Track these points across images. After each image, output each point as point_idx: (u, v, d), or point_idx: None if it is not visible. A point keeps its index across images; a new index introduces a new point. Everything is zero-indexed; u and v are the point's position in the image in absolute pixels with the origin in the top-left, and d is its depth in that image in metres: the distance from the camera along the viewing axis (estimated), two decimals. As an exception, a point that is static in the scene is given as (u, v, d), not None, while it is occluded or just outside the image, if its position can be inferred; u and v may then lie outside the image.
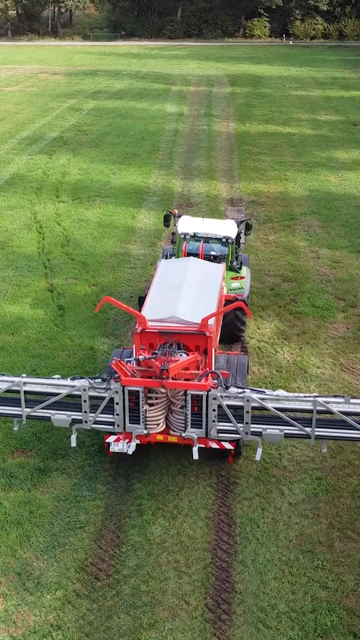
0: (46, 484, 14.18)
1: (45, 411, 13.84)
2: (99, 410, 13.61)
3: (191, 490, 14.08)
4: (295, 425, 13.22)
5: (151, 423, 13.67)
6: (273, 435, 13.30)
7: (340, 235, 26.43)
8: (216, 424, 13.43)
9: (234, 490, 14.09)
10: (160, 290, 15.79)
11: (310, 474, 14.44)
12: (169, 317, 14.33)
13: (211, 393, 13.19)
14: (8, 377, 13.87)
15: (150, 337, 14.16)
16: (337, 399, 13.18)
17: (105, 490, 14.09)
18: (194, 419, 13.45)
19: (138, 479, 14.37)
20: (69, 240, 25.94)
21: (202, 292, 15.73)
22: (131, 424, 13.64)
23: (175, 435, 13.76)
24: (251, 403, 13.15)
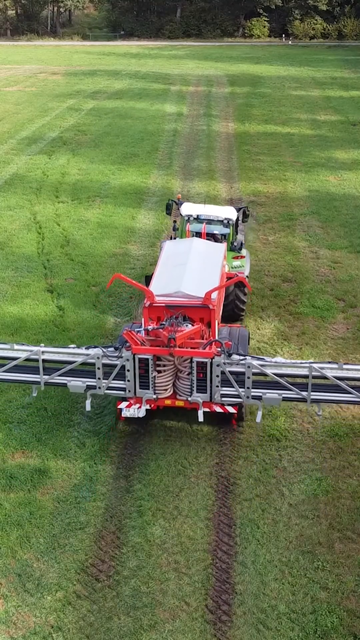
0: (46, 485, 14.18)
1: (62, 378, 14.81)
2: (112, 376, 14.62)
3: (191, 491, 14.09)
4: (292, 389, 14.20)
5: (160, 388, 14.67)
6: (272, 399, 14.29)
7: (340, 235, 26.44)
8: (219, 389, 14.43)
9: (234, 491, 14.10)
10: (166, 268, 16.75)
11: (310, 475, 14.44)
12: (175, 292, 15.27)
13: (215, 360, 14.17)
14: (27, 347, 14.90)
15: (158, 310, 15.13)
16: (331, 364, 14.16)
17: (106, 491, 14.10)
18: (199, 384, 14.46)
19: (138, 480, 14.38)
20: (69, 241, 25.95)
21: (205, 269, 16.68)
22: (141, 390, 14.63)
23: (182, 400, 14.85)
24: (252, 369, 14.11)
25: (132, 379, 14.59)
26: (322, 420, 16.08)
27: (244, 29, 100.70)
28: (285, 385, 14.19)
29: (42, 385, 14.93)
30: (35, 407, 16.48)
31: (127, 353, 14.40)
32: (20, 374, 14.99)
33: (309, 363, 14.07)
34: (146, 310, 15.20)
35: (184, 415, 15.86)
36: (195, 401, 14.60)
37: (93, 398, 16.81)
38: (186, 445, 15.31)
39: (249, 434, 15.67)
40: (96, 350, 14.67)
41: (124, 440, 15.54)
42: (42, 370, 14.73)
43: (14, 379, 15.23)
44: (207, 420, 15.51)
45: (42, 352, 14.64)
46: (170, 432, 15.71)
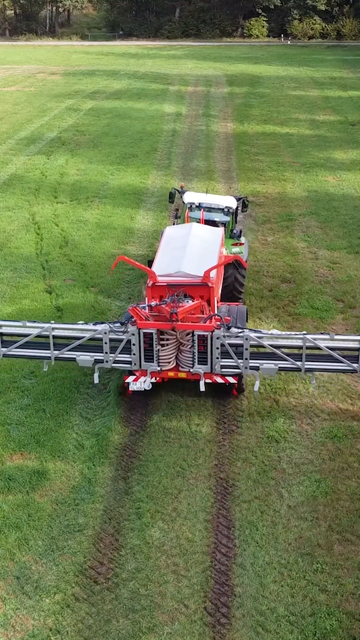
0: (45, 487, 14.14)
1: (71, 353, 15.64)
2: (118, 350, 15.48)
3: (190, 492, 14.06)
4: (287, 359, 15.14)
5: (163, 361, 15.61)
6: (268, 369, 15.24)
7: (339, 236, 26.41)
8: (219, 360, 15.32)
9: (233, 492, 14.07)
10: (167, 251, 17.67)
11: (309, 476, 14.41)
12: (176, 272, 16.14)
13: (215, 333, 15.09)
14: (39, 324, 15.78)
15: (160, 290, 16.01)
16: (323, 335, 15.16)
17: (104, 493, 14.06)
18: (200, 356, 15.36)
19: (137, 482, 14.35)
20: (67, 242, 25.91)
21: (204, 251, 17.59)
22: (146, 362, 15.53)
23: (184, 372, 15.75)
24: (249, 341, 15.06)
25: (138, 353, 15.44)
26: (320, 421, 16.07)
27: (242, 29, 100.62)
28: (281, 356, 15.10)
29: (53, 360, 15.76)
30: (33, 409, 16.45)
31: (132, 328, 15.29)
32: (32, 350, 15.87)
33: (303, 334, 15.08)
34: (149, 290, 16.05)
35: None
36: (197, 372, 15.49)
37: (91, 399, 16.85)
38: (185, 447, 15.29)
39: (248, 435, 15.65)
40: (103, 325, 15.54)
41: (122, 441, 15.51)
42: (53, 346, 15.55)
43: (26, 355, 16.06)
44: (206, 422, 15.55)
45: (52, 328, 15.51)
46: (169, 434, 15.69)
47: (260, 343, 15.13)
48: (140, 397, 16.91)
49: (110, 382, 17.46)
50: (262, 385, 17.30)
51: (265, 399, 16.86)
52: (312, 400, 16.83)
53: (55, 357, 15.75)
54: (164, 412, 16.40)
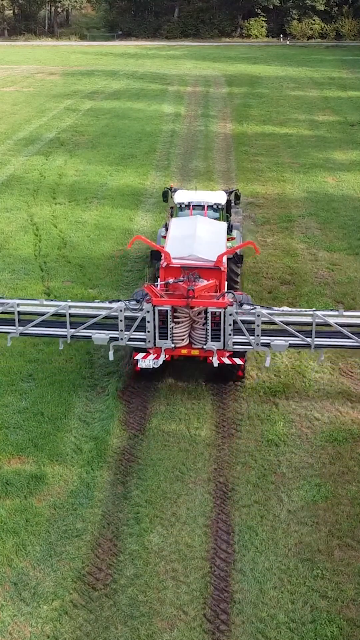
0: (43, 492, 14.03)
1: (87, 331, 16.01)
2: (133, 328, 15.85)
3: (189, 497, 13.95)
4: (298, 336, 15.68)
5: (177, 338, 15.93)
6: (279, 345, 15.77)
7: (339, 237, 26.31)
8: (232, 337, 15.73)
9: (233, 497, 13.96)
10: (176, 238, 18.19)
11: (309, 480, 14.31)
12: (189, 255, 16.70)
13: (228, 309, 15.56)
14: (55, 302, 16.25)
15: (174, 271, 16.48)
16: (332, 312, 15.86)
17: (103, 498, 13.95)
18: (213, 333, 15.74)
19: (136, 486, 14.24)
20: (66, 243, 25.79)
21: (211, 239, 18.22)
22: (160, 340, 15.83)
23: (197, 349, 16.16)
24: (261, 317, 15.59)
25: (152, 330, 15.78)
26: (320, 424, 15.96)
27: (241, 29, 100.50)
28: (292, 332, 15.66)
29: (69, 338, 16.14)
30: (31, 412, 16.34)
31: (147, 305, 15.66)
32: (48, 329, 16.27)
33: (313, 311, 15.69)
34: (162, 271, 16.54)
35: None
36: (210, 349, 15.89)
37: (90, 402, 16.75)
38: (184, 451, 15.18)
39: (247, 439, 15.54)
40: (119, 303, 15.91)
41: (121, 445, 15.40)
42: (69, 324, 15.91)
43: (42, 333, 16.52)
44: (205, 426, 15.43)
45: (69, 306, 15.88)
46: (168, 437, 15.58)
47: (271, 319, 15.63)
48: (138, 401, 16.83)
49: (109, 385, 17.34)
50: (261, 388, 17.22)
51: (265, 402, 16.76)
52: (311, 403, 16.73)
53: (71, 335, 16.13)
54: (162, 416, 16.30)
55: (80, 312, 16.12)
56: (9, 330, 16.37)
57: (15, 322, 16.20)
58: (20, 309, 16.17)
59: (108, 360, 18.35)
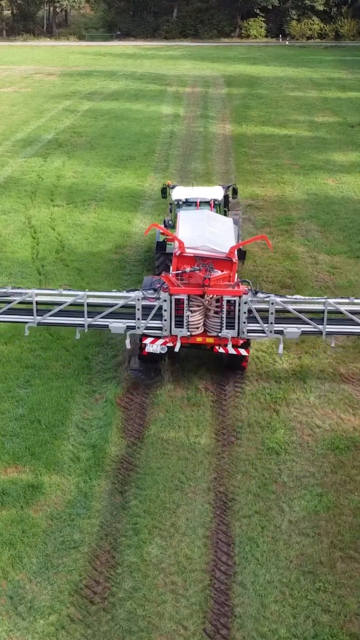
0: (39, 502, 13.77)
1: (104, 320, 16.44)
2: (150, 317, 16.23)
3: (189, 507, 13.70)
4: (310, 323, 16.20)
5: (193, 326, 16.31)
6: (292, 333, 16.29)
7: (339, 240, 26.07)
8: (246, 325, 16.14)
9: (233, 507, 13.72)
10: (187, 229, 18.40)
11: (310, 490, 14.06)
12: (202, 246, 16.96)
13: (243, 298, 16.01)
14: (73, 292, 16.79)
15: (187, 260, 16.72)
16: (343, 299, 16.54)
17: (101, 508, 13.70)
18: (228, 321, 16.10)
19: (134, 496, 13.99)
20: (64, 246, 25.53)
21: (222, 232, 18.58)
22: (176, 328, 16.25)
23: (212, 336, 16.53)
24: (275, 306, 16.06)
25: (169, 319, 16.15)
26: (322, 432, 15.72)
27: (240, 29, 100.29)
28: (305, 320, 16.16)
29: (86, 327, 16.51)
30: (28, 419, 16.08)
31: (164, 294, 16.06)
32: (66, 318, 16.62)
33: (325, 299, 16.35)
34: (176, 259, 16.82)
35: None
36: (225, 336, 16.26)
37: (88, 410, 16.50)
38: (183, 459, 14.93)
39: (248, 447, 15.30)
40: (136, 292, 16.41)
41: (119, 453, 15.15)
42: (87, 313, 16.34)
43: (60, 323, 16.88)
44: (205, 433, 15.20)
45: (87, 296, 16.29)
46: (167, 445, 15.33)
47: (284, 307, 16.16)
48: (137, 408, 16.60)
49: (107, 391, 17.10)
50: (261, 395, 16.99)
51: (265, 409, 16.52)
52: (313, 410, 16.48)
53: (88, 325, 16.49)
54: (161, 423, 16.05)
55: (98, 302, 16.51)
56: (27, 319, 16.70)
57: (34, 311, 16.52)
58: (38, 298, 16.53)
59: (106, 366, 18.22)
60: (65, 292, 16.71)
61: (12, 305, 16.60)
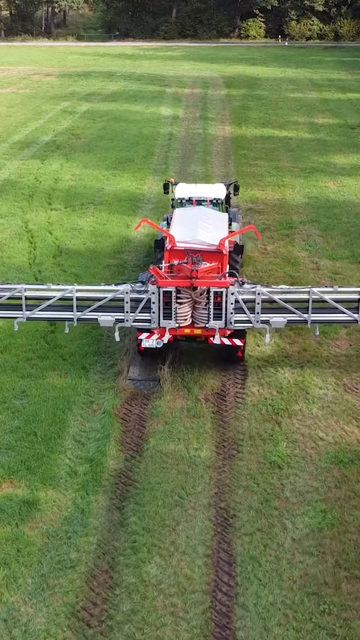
0: (35, 519, 13.38)
1: (93, 314, 16.64)
2: (138, 309, 16.51)
3: (189, 524, 13.31)
4: (295, 312, 16.62)
5: (181, 318, 16.63)
6: (278, 322, 16.69)
7: (341, 245, 25.66)
8: (233, 315, 16.48)
9: (234, 524, 13.33)
10: (181, 225, 18.94)
11: (314, 506, 13.67)
12: (192, 240, 17.43)
13: (230, 289, 16.35)
14: (63, 286, 16.83)
15: (178, 254, 17.05)
16: (327, 288, 16.86)
17: (98, 525, 13.31)
18: (216, 312, 16.47)
19: (133, 512, 13.60)
20: (61, 251, 25.12)
21: (214, 226, 19.09)
22: (165, 320, 16.53)
23: (199, 328, 16.88)
24: (261, 296, 16.43)
25: (157, 311, 16.42)
26: (325, 445, 15.33)
27: (239, 30, 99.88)
28: (290, 309, 16.57)
29: (75, 321, 16.72)
30: (24, 432, 15.69)
31: (152, 287, 16.37)
32: (54, 312, 16.80)
33: (309, 288, 16.71)
34: (167, 253, 17.13)
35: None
36: (212, 327, 16.62)
37: (85, 421, 16.13)
38: (183, 474, 14.55)
39: (249, 461, 14.91)
40: (125, 286, 16.65)
41: (117, 467, 14.76)
42: (76, 307, 16.49)
43: (49, 317, 17.14)
44: (205, 446, 14.81)
45: (75, 290, 16.44)
46: (167, 459, 14.95)
47: (270, 297, 16.51)
48: (135, 419, 16.22)
49: (105, 402, 16.71)
50: (263, 406, 16.62)
51: (267, 420, 16.13)
52: (315, 422, 16.10)
53: (77, 319, 16.69)
54: (160, 435, 15.67)
55: (87, 296, 16.68)
56: (16, 315, 16.85)
57: (23, 306, 16.68)
58: (27, 293, 16.68)
59: (104, 376, 17.84)
60: (54, 287, 16.78)
61: (2, 300, 16.75)
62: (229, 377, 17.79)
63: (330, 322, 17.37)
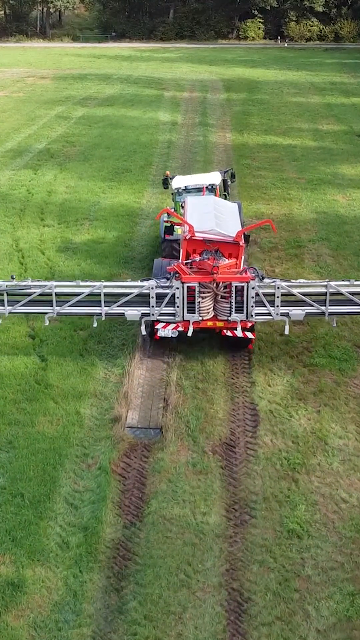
0: (21, 604, 11.65)
1: (120, 309, 17.41)
2: (163, 304, 17.20)
3: (197, 610, 11.60)
4: (314, 305, 17.27)
5: (204, 311, 17.32)
6: (297, 314, 17.39)
7: (354, 266, 23.94)
8: (254, 308, 17.21)
9: (249, 610, 11.61)
10: (196, 214, 19.27)
11: (340, 587, 11.96)
12: (210, 230, 17.89)
13: (250, 283, 16.99)
14: (90, 282, 17.69)
15: (195, 244, 17.78)
16: (344, 282, 17.68)
17: (93, 612, 11.58)
18: (237, 305, 17.11)
19: (133, 594, 11.88)
20: (54, 273, 23.33)
21: (228, 217, 19.59)
22: (188, 314, 17.26)
23: (222, 320, 17.50)
24: (280, 290, 17.12)
25: (181, 305, 17.11)
26: (349, 508, 13.62)
27: (238, 31, 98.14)
28: (309, 302, 17.20)
29: (104, 315, 17.49)
30: (9, 493, 13.93)
31: (176, 282, 17.00)
32: (84, 307, 17.55)
33: (327, 281, 17.44)
34: (185, 242, 17.89)
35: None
36: (235, 320, 17.26)
37: (78, 479, 14.40)
38: (190, 545, 12.82)
39: (264, 528, 13.19)
40: (150, 282, 17.44)
41: (115, 537, 13.03)
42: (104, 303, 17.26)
43: (79, 312, 17.89)
44: (214, 510, 13.05)
45: (103, 286, 17.28)
46: (171, 526, 13.22)
47: (289, 291, 17.16)
48: (135, 476, 14.49)
49: (101, 455, 14.98)
50: (277, 459, 14.89)
51: (282, 477, 14.41)
52: (337, 479, 14.37)
53: (105, 313, 17.42)
54: (163, 496, 13.94)
55: (114, 292, 17.43)
56: (47, 310, 17.51)
57: (53, 302, 17.38)
58: (57, 290, 17.41)
59: (100, 422, 16.14)
60: (83, 283, 17.57)
61: (33, 297, 17.43)
62: (239, 423, 16.08)
63: (348, 314, 18.08)
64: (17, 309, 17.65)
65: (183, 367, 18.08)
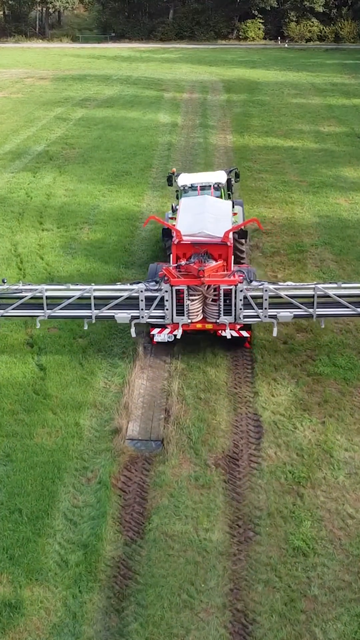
0: (19, 627, 11.29)
1: (110, 311, 17.58)
2: (152, 306, 17.42)
3: (200, 633, 11.24)
4: (301, 307, 17.43)
5: (192, 314, 17.58)
6: (285, 316, 17.60)
7: (357, 271, 23.55)
8: (242, 311, 17.39)
9: (254, 633, 11.25)
10: (187, 216, 19.71)
11: (347, 607, 11.61)
12: (199, 232, 18.21)
13: (238, 286, 17.19)
14: (81, 286, 17.79)
15: (184, 247, 18.11)
16: (331, 284, 17.93)
17: (93, 635, 11.23)
18: (225, 308, 17.38)
19: (134, 616, 11.53)
20: (53, 279, 22.95)
21: (219, 217, 19.67)
22: (177, 316, 17.49)
23: (211, 323, 17.77)
24: (268, 292, 17.30)
25: (170, 308, 17.34)
26: (356, 524, 13.25)
27: (238, 31, 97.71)
28: (296, 304, 17.36)
29: (94, 318, 17.62)
30: (7, 509, 13.58)
31: (165, 285, 17.23)
32: (73, 311, 17.69)
33: (314, 284, 17.64)
34: (174, 247, 18.12)
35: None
36: (223, 322, 17.52)
37: (78, 493, 14.04)
38: (192, 563, 12.46)
39: (269, 546, 12.84)
40: (139, 285, 17.62)
41: (115, 555, 12.67)
42: (94, 306, 17.44)
43: (69, 315, 17.95)
44: (217, 526, 12.68)
45: (93, 289, 17.42)
46: (173, 544, 12.86)
47: (277, 294, 17.33)
48: (136, 490, 14.12)
49: (101, 468, 14.60)
50: (281, 473, 14.53)
51: (287, 492, 14.05)
52: (343, 493, 14.02)
53: (95, 316, 17.59)
54: (165, 512, 13.58)
55: (104, 295, 17.58)
56: (38, 313, 17.71)
57: (44, 305, 17.55)
58: (48, 293, 17.58)
59: (100, 434, 15.76)
60: (73, 287, 17.66)
61: (24, 300, 17.59)
62: (242, 435, 15.72)
63: (335, 316, 18.22)
64: (8, 313, 17.82)
65: (185, 376, 17.72)
